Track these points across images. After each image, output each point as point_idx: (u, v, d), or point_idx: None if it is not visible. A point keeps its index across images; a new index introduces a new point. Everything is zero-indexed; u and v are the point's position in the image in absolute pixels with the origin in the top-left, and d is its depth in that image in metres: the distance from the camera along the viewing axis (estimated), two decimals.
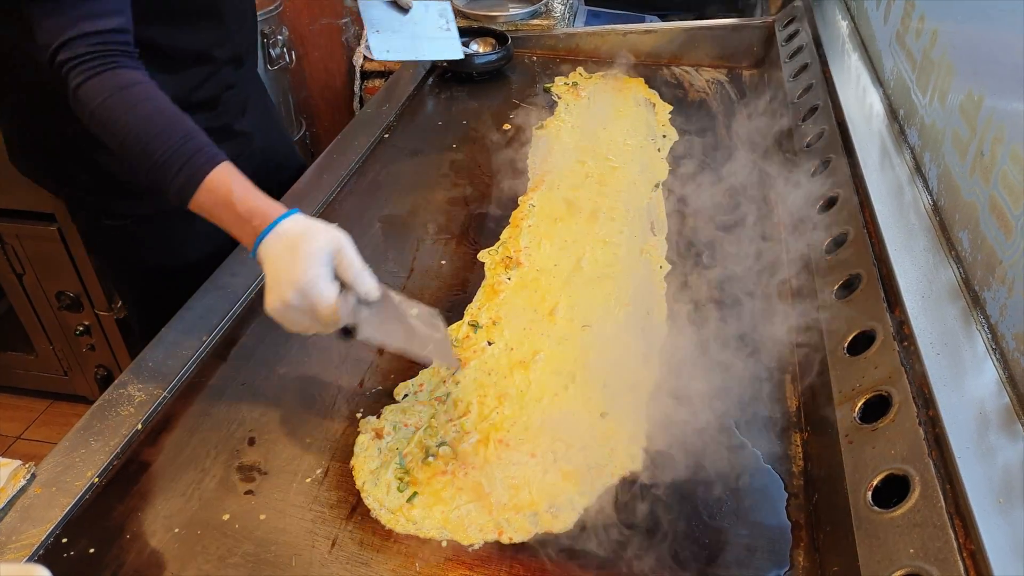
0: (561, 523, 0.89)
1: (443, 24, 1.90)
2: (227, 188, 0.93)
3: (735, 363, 1.10)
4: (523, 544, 0.87)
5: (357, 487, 0.93)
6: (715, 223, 1.43)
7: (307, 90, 2.83)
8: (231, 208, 0.93)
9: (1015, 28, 0.95)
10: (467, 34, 2.13)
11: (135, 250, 1.37)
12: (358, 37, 2.75)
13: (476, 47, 2.11)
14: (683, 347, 1.13)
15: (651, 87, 1.98)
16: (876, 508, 0.75)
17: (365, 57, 2.69)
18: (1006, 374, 0.80)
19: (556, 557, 0.85)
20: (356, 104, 2.83)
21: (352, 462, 0.96)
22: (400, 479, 0.93)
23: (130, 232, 1.34)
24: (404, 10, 1.81)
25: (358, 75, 2.75)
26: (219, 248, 1.30)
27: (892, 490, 0.76)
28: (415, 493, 0.92)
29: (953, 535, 0.67)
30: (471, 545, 0.87)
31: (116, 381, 1.05)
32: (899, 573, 0.68)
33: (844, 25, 1.75)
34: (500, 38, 2.11)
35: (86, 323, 2.36)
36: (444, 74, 2.06)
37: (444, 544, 0.87)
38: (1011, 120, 0.90)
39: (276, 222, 0.91)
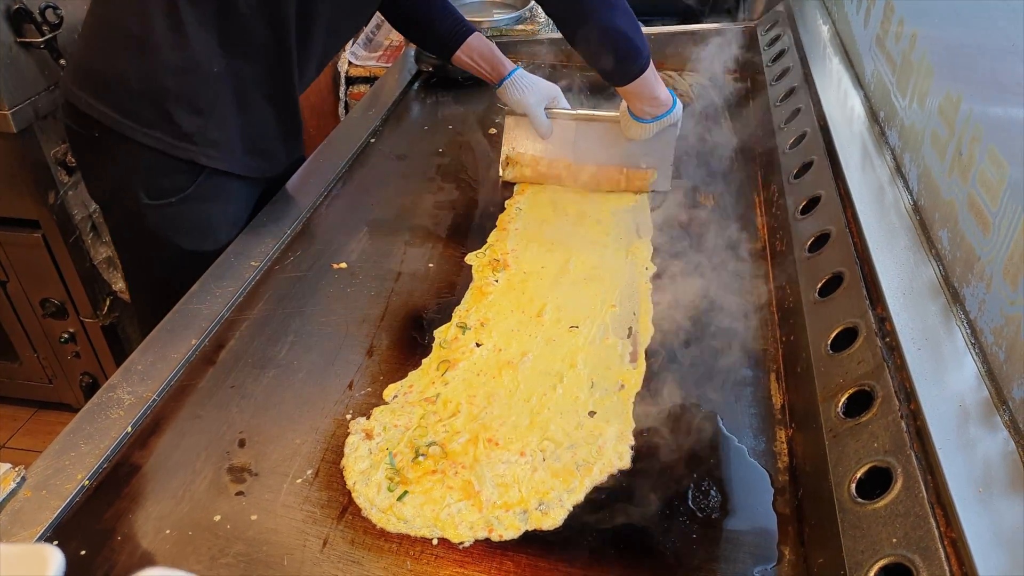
0: (550, 520, 0.90)
1: None
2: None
3: (720, 362, 1.12)
4: (513, 541, 0.87)
5: (348, 487, 0.93)
6: (700, 223, 1.44)
7: None
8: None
9: (992, 31, 0.97)
10: None
11: (172, 233, 1.40)
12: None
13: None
14: (669, 347, 1.15)
15: None
16: (860, 500, 0.76)
17: (350, 63, 2.70)
18: (985, 368, 0.82)
19: (546, 554, 0.86)
20: (341, 110, 2.84)
21: (343, 463, 0.97)
22: (390, 479, 0.94)
23: (171, 213, 1.37)
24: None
25: (343, 80, 2.75)
26: (236, 235, 1.40)
27: (875, 482, 0.77)
28: (405, 492, 0.92)
29: (935, 524, 0.68)
30: (462, 543, 0.87)
31: (105, 384, 1.05)
32: (882, 562, 0.69)
33: (825, 29, 1.78)
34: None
35: (71, 330, 2.35)
36: (429, 79, 2.07)
37: (435, 542, 0.87)
38: (988, 120, 0.92)
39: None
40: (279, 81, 1.37)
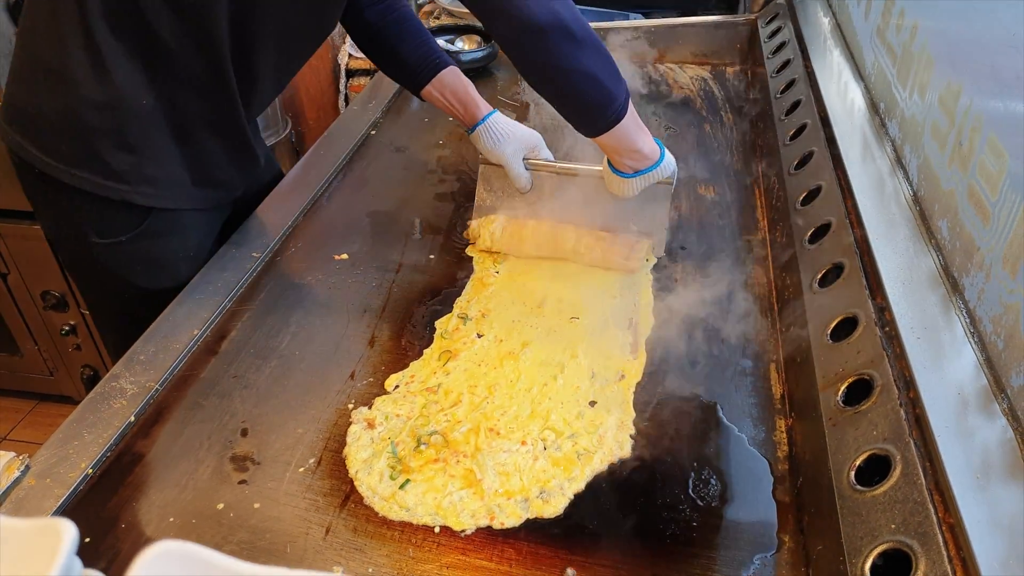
0: (552, 508, 0.90)
1: None
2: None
3: (720, 352, 1.12)
4: (514, 529, 0.88)
5: (350, 475, 0.94)
6: (700, 215, 1.45)
7: (292, 88, 2.83)
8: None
9: (992, 20, 0.97)
10: (452, 31, 2.15)
11: (125, 272, 1.30)
12: (343, 35, 2.76)
13: (461, 44, 2.13)
14: (670, 337, 1.15)
15: (635, 84, 2.00)
16: (859, 487, 0.77)
17: (350, 55, 2.70)
18: (984, 356, 0.82)
19: (547, 541, 0.86)
20: (341, 102, 2.84)
21: (345, 451, 0.97)
22: (393, 467, 0.95)
23: (122, 252, 1.27)
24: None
25: (343, 73, 2.75)
26: (200, 267, 1.29)
27: (874, 470, 0.78)
28: (408, 480, 0.93)
29: (933, 510, 0.69)
30: (463, 531, 0.88)
31: (108, 374, 1.06)
32: (881, 548, 0.70)
33: (826, 22, 1.78)
34: (485, 35, 2.13)
35: (72, 323, 2.35)
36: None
37: (437, 530, 0.88)
38: (988, 110, 0.93)
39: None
40: (223, 110, 1.25)
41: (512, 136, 1.37)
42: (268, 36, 1.19)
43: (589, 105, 1.14)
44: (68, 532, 0.35)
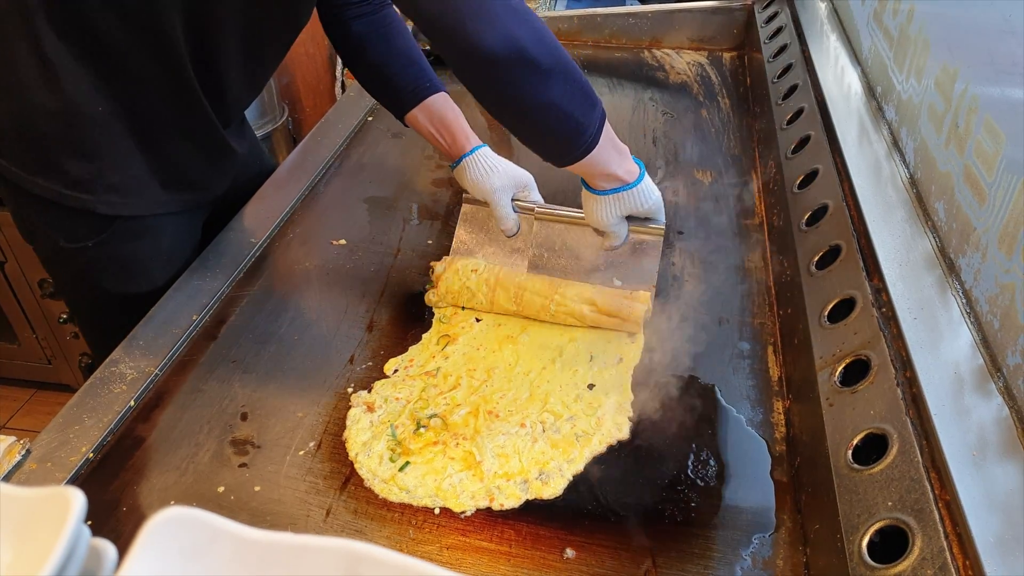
0: (551, 490, 0.91)
1: None
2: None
3: (718, 335, 1.13)
4: (514, 510, 0.88)
5: (350, 458, 0.94)
6: (698, 199, 1.45)
7: (289, 75, 2.82)
8: None
9: (988, 3, 0.97)
10: None
11: (96, 276, 1.25)
12: None
13: None
14: (668, 320, 1.15)
15: (632, 70, 2.00)
16: (856, 466, 0.77)
17: None
18: (980, 336, 0.82)
19: (546, 521, 0.87)
20: (338, 89, 2.84)
21: (345, 434, 0.98)
22: (392, 450, 0.95)
23: (90, 256, 1.22)
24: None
25: (339, 60, 2.75)
26: (180, 273, 1.24)
27: (871, 449, 0.78)
28: (407, 463, 0.93)
29: (929, 487, 0.69)
30: (463, 512, 0.88)
31: (107, 359, 1.06)
32: (878, 525, 0.70)
33: (823, 6, 1.78)
34: None
35: (69, 311, 2.35)
36: (427, 57, 2.06)
37: (437, 511, 0.88)
38: (984, 91, 0.93)
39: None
40: (190, 114, 1.18)
41: (501, 172, 1.22)
42: (230, 37, 1.12)
43: (557, 139, 1.00)
44: (77, 500, 0.35)
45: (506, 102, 0.98)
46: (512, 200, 1.23)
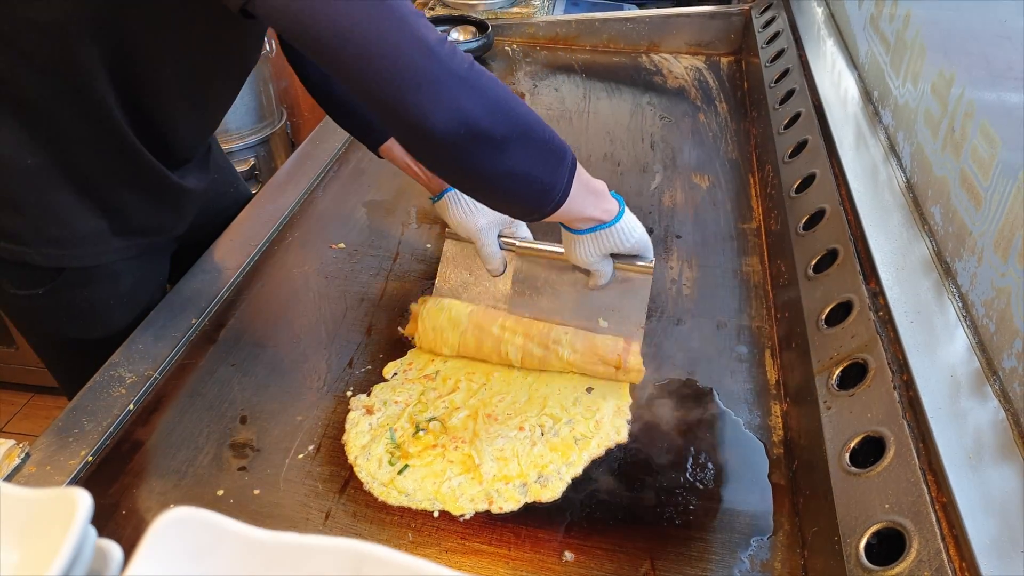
0: (550, 493, 0.91)
1: None
2: None
3: (716, 339, 1.13)
4: (513, 513, 0.89)
5: (349, 461, 0.95)
6: (695, 204, 1.45)
7: (287, 79, 2.83)
8: None
9: (984, 8, 0.98)
10: (447, 22, 2.15)
11: (51, 323, 1.20)
12: None
13: (456, 35, 2.13)
14: (666, 325, 1.16)
15: (630, 74, 2.01)
16: (853, 469, 0.78)
17: None
18: (976, 339, 0.83)
19: (545, 524, 0.87)
20: None
21: (344, 438, 0.98)
22: (391, 453, 0.95)
23: (42, 303, 1.15)
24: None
25: None
26: (144, 314, 1.18)
27: (869, 452, 0.79)
28: (406, 466, 0.94)
29: (926, 489, 0.70)
30: (462, 515, 0.88)
31: (107, 363, 1.06)
32: (875, 527, 0.71)
33: (820, 12, 1.78)
34: (480, 26, 2.13)
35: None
36: None
37: (436, 515, 0.89)
38: (980, 96, 0.94)
39: None
40: (133, 166, 1.09)
41: (486, 208, 1.09)
42: (165, 89, 1.03)
43: (523, 203, 0.92)
44: (83, 500, 0.35)
45: (461, 176, 0.89)
46: (499, 236, 1.14)
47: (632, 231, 1.02)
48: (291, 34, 0.76)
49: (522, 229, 1.18)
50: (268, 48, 2.56)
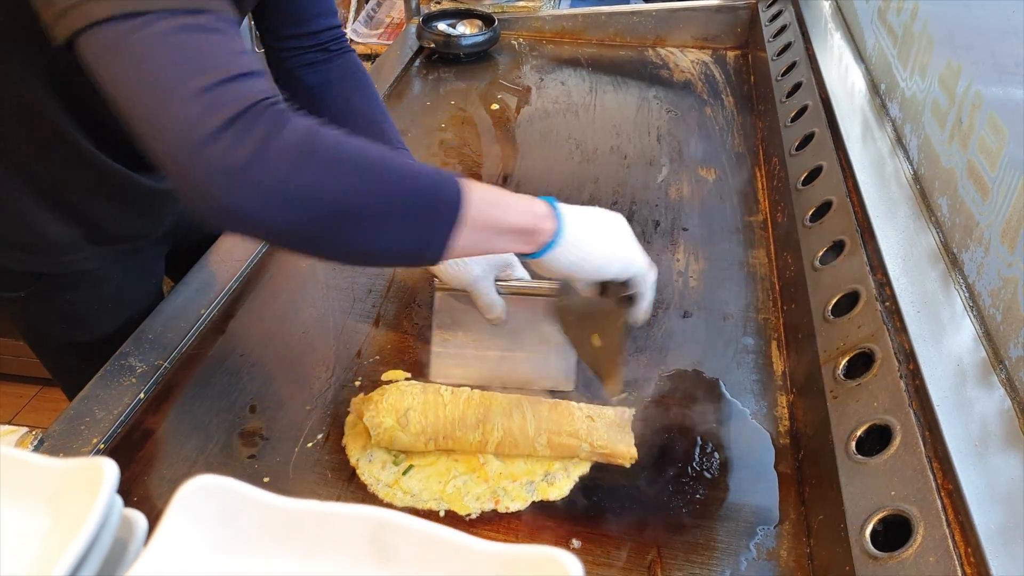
0: (557, 490, 0.90)
1: None
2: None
3: (722, 331, 1.14)
4: (520, 512, 0.89)
5: (351, 465, 0.94)
6: (702, 196, 1.46)
7: None
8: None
9: (991, 0, 0.98)
10: (454, 16, 2.15)
11: (39, 325, 1.21)
12: (343, 20, 2.76)
13: (463, 28, 2.13)
14: (672, 316, 1.16)
15: (637, 68, 2.01)
16: (859, 457, 0.78)
17: (351, 40, 2.70)
18: (982, 329, 0.83)
19: (552, 515, 0.88)
20: None
21: (344, 441, 0.97)
22: (395, 454, 0.95)
23: (27, 306, 1.15)
24: None
25: None
26: (135, 315, 1.17)
27: (875, 440, 0.79)
28: (411, 466, 0.93)
29: (932, 477, 0.70)
30: (468, 515, 0.89)
31: (117, 352, 1.07)
32: (881, 514, 0.71)
33: (827, 5, 1.78)
34: (486, 19, 2.13)
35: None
36: (431, 56, 2.07)
37: (442, 514, 0.89)
38: (988, 87, 0.94)
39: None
40: (98, 174, 1.05)
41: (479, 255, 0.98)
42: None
43: (400, 261, 0.86)
44: (110, 470, 0.36)
45: (346, 256, 0.78)
46: (496, 280, 1.02)
47: (560, 257, 0.84)
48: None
49: (518, 269, 1.05)
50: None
